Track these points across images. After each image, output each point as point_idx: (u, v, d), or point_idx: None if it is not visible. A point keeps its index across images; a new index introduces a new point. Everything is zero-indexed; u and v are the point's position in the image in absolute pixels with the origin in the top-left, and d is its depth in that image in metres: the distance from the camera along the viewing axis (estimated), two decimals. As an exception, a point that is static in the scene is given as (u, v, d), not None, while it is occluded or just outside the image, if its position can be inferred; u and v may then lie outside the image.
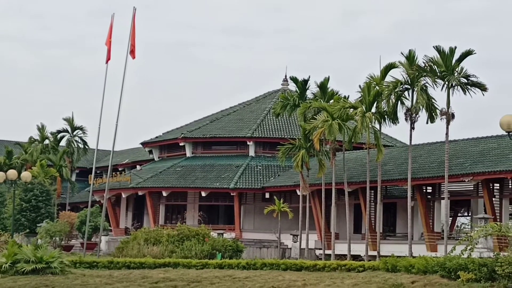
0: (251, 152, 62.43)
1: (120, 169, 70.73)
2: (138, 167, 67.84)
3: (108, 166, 45.45)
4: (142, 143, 69.51)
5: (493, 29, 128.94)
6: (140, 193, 61.81)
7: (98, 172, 68.16)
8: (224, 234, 50.23)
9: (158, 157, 67.98)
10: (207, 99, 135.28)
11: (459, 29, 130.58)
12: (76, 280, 28.80)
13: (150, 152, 68.86)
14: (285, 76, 68.93)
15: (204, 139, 64.12)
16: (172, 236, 44.02)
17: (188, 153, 64.47)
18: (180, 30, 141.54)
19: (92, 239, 54.18)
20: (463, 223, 63.01)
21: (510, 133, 25.06)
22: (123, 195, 64.11)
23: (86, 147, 71.98)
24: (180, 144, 64.77)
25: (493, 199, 44.09)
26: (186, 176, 60.89)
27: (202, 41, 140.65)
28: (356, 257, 46.36)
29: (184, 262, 35.29)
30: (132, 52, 42.09)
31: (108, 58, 43.36)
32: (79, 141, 71.93)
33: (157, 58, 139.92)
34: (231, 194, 58.47)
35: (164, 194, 60.84)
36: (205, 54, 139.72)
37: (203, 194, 59.44)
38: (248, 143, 62.43)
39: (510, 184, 44.39)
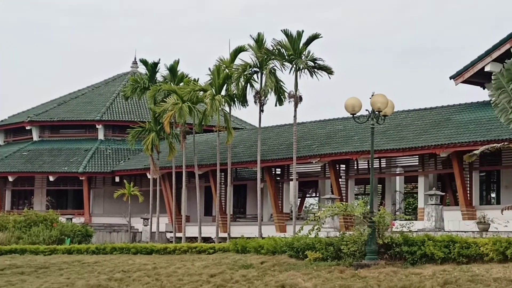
0: (100, 136, 61.66)
1: (-37, 154, 68.52)
2: (-18, 151, 65.81)
3: (-50, 151, 43.96)
4: (-14, 127, 67.48)
5: (339, 13, 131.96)
6: (-16, 178, 60.09)
7: None
8: (73, 219, 49.51)
9: (4, 142, 66.21)
10: (55, 82, 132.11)
11: (307, 13, 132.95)
12: None
13: (-5, 136, 66.98)
14: (135, 59, 68.23)
15: (51, 122, 62.84)
16: (19, 222, 43.25)
17: (35, 137, 63.06)
18: (25, 9, 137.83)
19: None
20: (311, 204, 64.39)
21: (355, 115, 25.69)
22: (-33, 181, 62.15)
23: None
24: (27, 128, 63.23)
25: (340, 179, 45.24)
26: (33, 161, 59.57)
27: (48, 22, 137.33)
28: (207, 239, 46.64)
29: (31, 248, 34.72)
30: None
31: None
32: None
33: (1, 39, 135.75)
34: (80, 178, 57.59)
35: (10, 179, 59.32)
36: (52, 35, 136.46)
37: (51, 178, 58.31)
38: (97, 126, 61.59)
39: (355, 165, 45.60)
